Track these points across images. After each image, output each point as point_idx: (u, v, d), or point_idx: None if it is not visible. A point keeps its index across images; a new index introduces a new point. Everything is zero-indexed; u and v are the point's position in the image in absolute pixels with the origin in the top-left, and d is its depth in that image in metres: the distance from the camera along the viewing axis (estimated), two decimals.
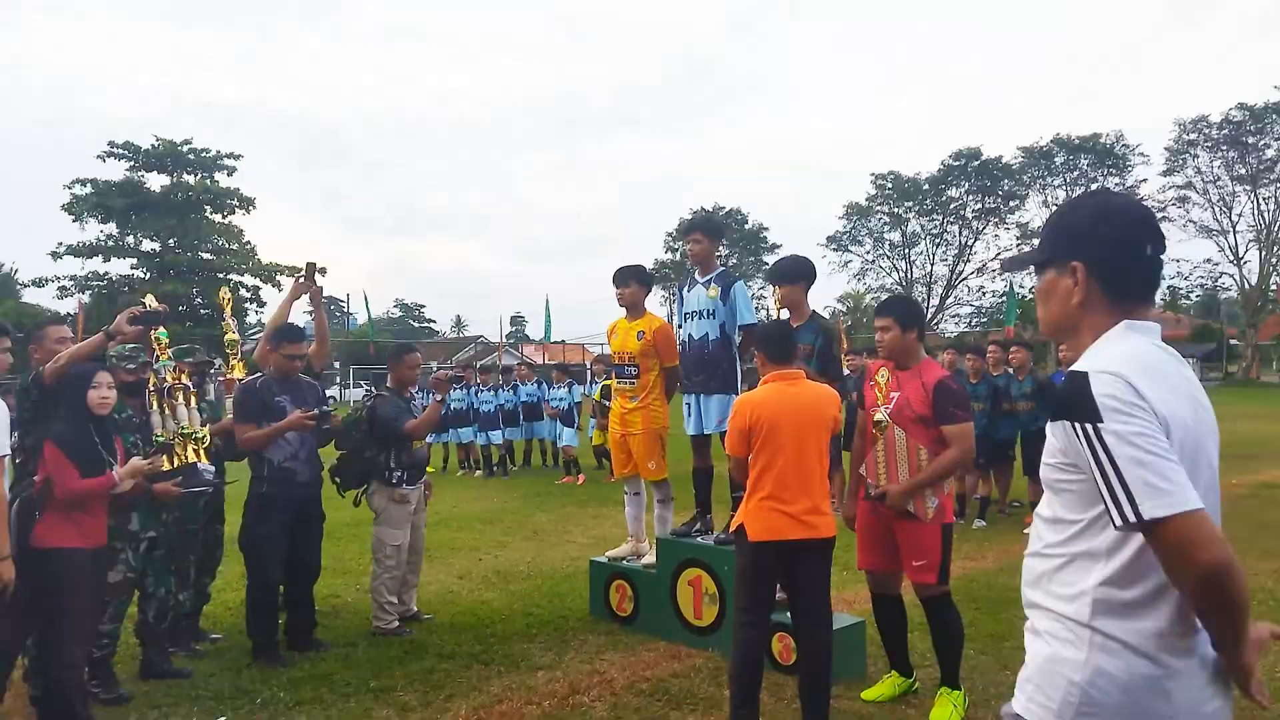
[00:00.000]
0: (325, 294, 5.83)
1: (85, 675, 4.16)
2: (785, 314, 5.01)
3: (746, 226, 62.43)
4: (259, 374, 5.33)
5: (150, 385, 4.69)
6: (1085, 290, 1.71)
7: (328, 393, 5.54)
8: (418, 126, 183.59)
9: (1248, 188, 48.23)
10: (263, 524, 5.06)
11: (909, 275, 58.34)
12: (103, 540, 4.11)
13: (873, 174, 57.72)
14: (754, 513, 3.84)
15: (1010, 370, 9.19)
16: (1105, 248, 1.70)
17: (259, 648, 5.02)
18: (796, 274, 5.00)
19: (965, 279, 57.34)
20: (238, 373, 5.09)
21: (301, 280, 5.58)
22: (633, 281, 5.63)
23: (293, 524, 5.12)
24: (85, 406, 4.06)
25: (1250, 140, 47.30)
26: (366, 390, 8.50)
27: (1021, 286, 50.96)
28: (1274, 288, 46.05)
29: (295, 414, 5.04)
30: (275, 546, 5.07)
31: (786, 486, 3.79)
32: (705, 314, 5.39)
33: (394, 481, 5.53)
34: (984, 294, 56.73)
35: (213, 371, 5.51)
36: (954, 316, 57.98)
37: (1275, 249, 48.10)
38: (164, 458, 4.52)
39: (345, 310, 52.15)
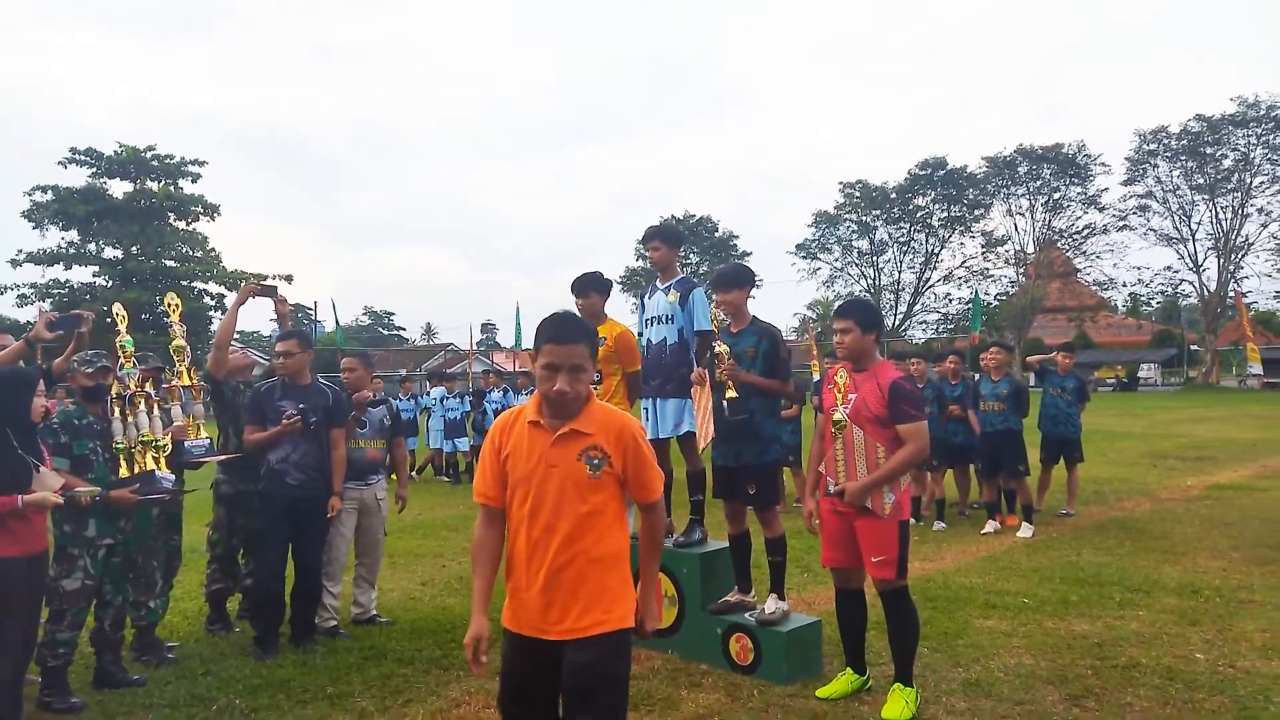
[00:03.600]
0: (293, 301, 5.97)
1: (16, 687, 4.02)
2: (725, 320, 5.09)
3: (717, 234, 62.64)
4: (271, 378, 5.59)
5: (113, 392, 4.67)
6: None
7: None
8: (389, 136, 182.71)
9: (1206, 197, 49.31)
10: (258, 519, 5.41)
11: (877, 282, 58.89)
12: (41, 545, 4.04)
13: (841, 182, 58.32)
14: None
15: (975, 376, 9.33)
16: None
17: (256, 639, 5.28)
18: (737, 280, 5.06)
19: (932, 286, 58.09)
20: (184, 380, 5.07)
21: (254, 286, 5.73)
22: (593, 292, 5.68)
23: (289, 524, 5.31)
24: (9, 414, 3.92)
25: (1208, 150, 48.36)
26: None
27: (986, 294, 51.99)
28: (1232, 294, 46.99)
29: (282, 420, 5.27)
30: (272, 541, 5.30)
31: None
32: (664, 319, 5.45)
33: None
34: (950, 301, 57.53)
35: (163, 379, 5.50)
36: (921, 323, 58.67)
37: (1233, 256, 49.16)
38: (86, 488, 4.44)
39: (313, 318, 51.66)
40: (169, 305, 5.24)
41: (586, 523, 2.73)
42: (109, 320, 4.91)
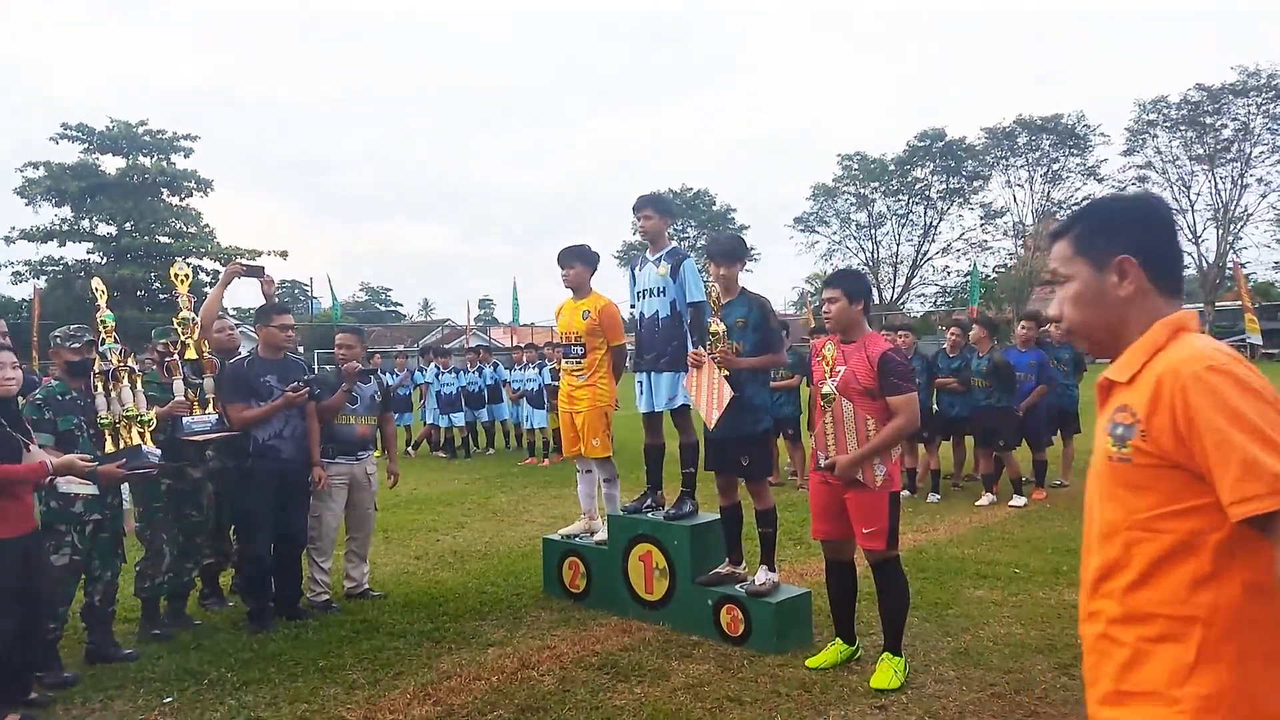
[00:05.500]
0: (289, 278, 5.96)
1: (11, 665, 3.99)
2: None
3: (714, 207, 62.32)
4: (248, 354, 5.54)
5: (95, 368, 4.63)
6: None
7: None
8: (383, 108, 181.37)
9: (1205, 167, 49.03)
10: (248, 498, 5.34)
11: (875, 255, 58.63)
12: (29, 526, 4.01)
13: (839, 155, 57.93)
14: None
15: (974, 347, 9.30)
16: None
17: (251, 614, 5.30)
18: (737, 254, 5.03)
19: (930, 259, 57.80)
20: (190, 354, 5.04)
21: (239, 267, 5.71)
22: (576, 262, 5.65)
23: (278, 498, 5.32)
24: None
25: (1208, 120, 48.02)
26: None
27: (985, 266, 51.82)
28: (1231, 265, 46.87)
29: (286, 393, 5.27)
30: (261, 519, 5.30)
31: None
32: (656, 292, 5.41)
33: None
34: (949, 274, 57.31)
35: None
36: (919, 296, 58.52)
37: (1232, 227, 49.01)
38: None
39: (310, 294, 51.53)
40: (177, 277, 5.16)
41: (1117, 543, 1.59)
42: (90, 297, 4.87)
